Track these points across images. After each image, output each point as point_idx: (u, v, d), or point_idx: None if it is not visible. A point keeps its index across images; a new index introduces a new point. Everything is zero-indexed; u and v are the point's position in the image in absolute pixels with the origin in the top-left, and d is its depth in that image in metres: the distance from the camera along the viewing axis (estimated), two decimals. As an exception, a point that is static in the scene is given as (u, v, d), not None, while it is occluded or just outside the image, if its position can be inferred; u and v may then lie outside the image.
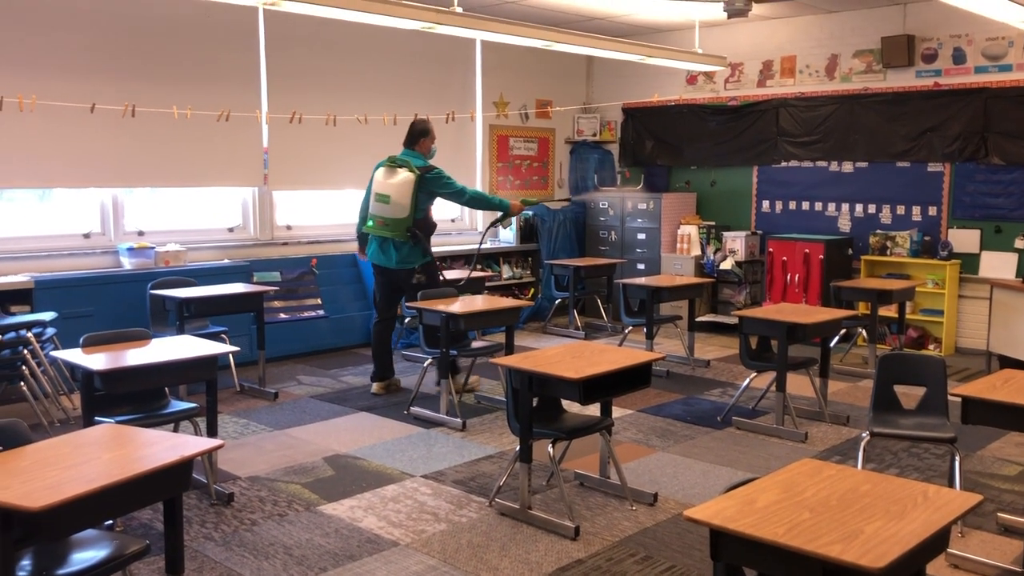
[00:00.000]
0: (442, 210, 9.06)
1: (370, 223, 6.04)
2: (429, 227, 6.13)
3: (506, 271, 9.18)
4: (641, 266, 9.13)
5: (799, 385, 6.22)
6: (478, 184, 9.13)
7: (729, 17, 6.81)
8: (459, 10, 5.55)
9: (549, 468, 4.44)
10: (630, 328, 7.33)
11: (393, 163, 5.98)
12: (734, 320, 7.42)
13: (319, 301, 7.60)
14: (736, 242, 8.65)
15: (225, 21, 6.96)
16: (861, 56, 8.11)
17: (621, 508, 4.21)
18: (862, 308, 7.38)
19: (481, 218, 9.23)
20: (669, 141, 9.49)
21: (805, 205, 8.60)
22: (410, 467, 4.76)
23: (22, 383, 5.31)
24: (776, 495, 2.43)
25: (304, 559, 3.65)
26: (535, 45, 6.50)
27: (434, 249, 8.48)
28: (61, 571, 2.58)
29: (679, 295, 7.25)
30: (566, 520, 3.92)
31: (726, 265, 8.60)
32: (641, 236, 9.22)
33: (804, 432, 5.28)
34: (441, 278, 6.48)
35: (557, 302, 8.93)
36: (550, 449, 4.09)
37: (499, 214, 6.37)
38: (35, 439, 2.82)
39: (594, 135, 9.98)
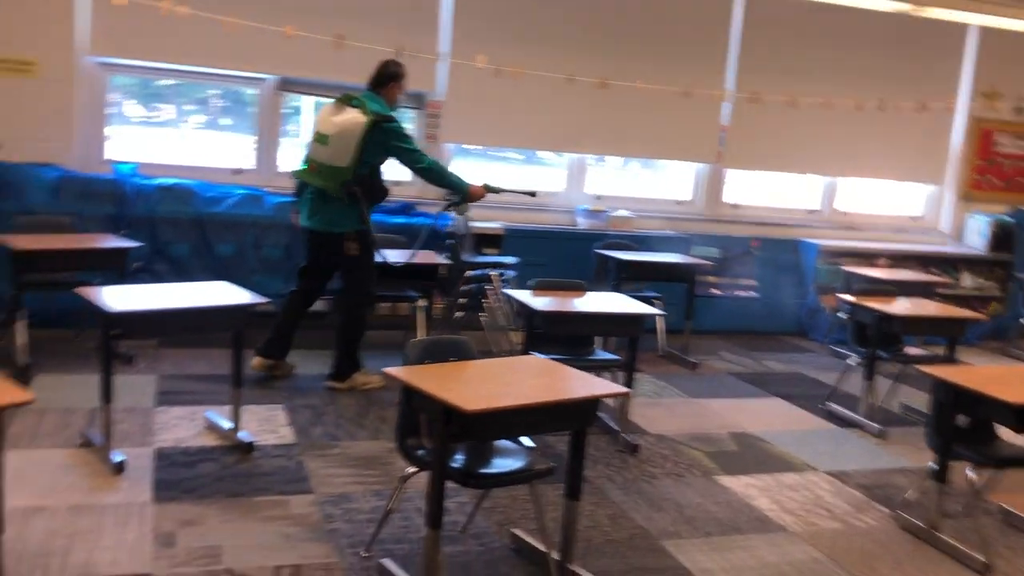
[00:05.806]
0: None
1: (303, 166, 4.95)
2: (376, 192, 4.93)
3: (967, 279, 8.33)
4: None
5: None
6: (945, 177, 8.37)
7: None
8: (949, -9, 5.15)
9: (968, 495, 4.06)
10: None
11: (344, 100, 4.78)
12: None
13: (754, 282, 7.62)
14: None
15: (700, 1, 7.21)
16: None
17: (1050, 557, 3.73)
18: None
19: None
20: None
21: None
22: (814, 460, 4.66)
23: (481, 314, 6.16)
24: None
25: (693, 519, 3.80)
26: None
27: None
28: (483, 470, 3.03)
29: None
30: (976, 552, 3.58)
31: None
32: None
33: None
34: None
35: (1024, 322, 7.91)
36: (972, 474, 3.74)
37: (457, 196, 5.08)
38: (479, 358, 3.30)
39: (1105, 137, 8.56)
